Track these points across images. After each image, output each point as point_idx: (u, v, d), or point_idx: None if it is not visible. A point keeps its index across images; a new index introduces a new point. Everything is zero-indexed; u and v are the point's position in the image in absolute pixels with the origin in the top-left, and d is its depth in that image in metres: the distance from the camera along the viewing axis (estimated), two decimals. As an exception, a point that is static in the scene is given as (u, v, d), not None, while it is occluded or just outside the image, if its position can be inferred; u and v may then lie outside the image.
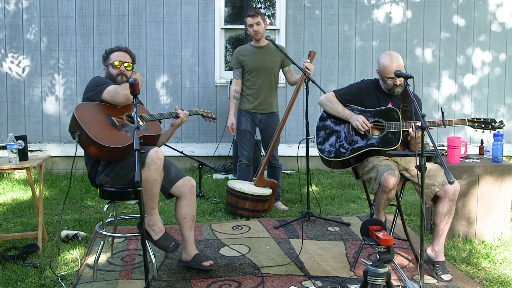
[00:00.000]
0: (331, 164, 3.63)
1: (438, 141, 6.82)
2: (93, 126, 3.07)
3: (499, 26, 6.90)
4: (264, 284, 3.15)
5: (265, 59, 4.78)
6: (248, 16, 4.76)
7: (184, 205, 3.25)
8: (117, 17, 6.60)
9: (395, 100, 3.52)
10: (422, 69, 6.89)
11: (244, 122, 4.87)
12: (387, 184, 3.15)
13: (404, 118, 3.45)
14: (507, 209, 3.88)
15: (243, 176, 4.90)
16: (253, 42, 4.86)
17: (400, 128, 3.36)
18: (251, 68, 4.78)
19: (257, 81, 4.80)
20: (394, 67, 3.34)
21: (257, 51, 4.80)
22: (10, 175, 6.24)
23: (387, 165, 3.27)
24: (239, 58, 4.81)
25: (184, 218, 3.25)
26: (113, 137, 3.08)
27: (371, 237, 2.43)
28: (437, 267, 3.23)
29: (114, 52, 3.42)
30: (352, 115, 3.51)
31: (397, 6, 6.82)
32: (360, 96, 3.58)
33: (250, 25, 4.72)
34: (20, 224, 4.34)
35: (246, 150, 4.89)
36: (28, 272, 3.26)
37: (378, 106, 3.52)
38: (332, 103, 3.61)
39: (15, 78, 6.56)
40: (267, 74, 4.81)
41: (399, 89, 3.47)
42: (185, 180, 3.26)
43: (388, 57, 3.39)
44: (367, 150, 3.45)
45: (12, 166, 3.51)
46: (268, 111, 4.89)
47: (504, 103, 7.00)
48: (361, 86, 3.63)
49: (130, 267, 3.45)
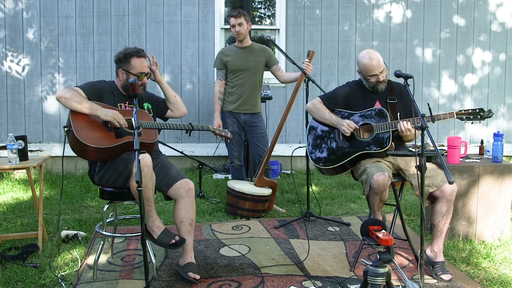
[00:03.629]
0: (325, 172, 3.65)
1: (438, 141, 6.82)
2: (82, 124, 3.09)
3: (499, 26, 6.90)
4: (264, 284, 3.15)
5: (248, 59, 4.78)
6: (231, 16, 4.76)
7: (182, 208, 3.18)
8: (117, 17, 6.60)
9: (381, 96, 3.54)
10: (422, 69, 6.89)
11: (230, 124, 4.86)
12: (377, 186, 3.16)
13: (392, 112, 3.46)
14: (507, 209, 3.88)
15: (238, 176, 4.92)
16: (236, 42, 4.87)
17: (389, 128, 3.37)
18: (235, 68, 4.78)
19: (240, 81, 4.80)
20: (374, 65, 3.39)
21: (240, 51, 4.80)
22: (10, 175, 6.24)
23: (377, 167, 3.28)
24: (222, 59, 4.81)
25: (181, 222, 3.19)
26: (98, 138, 3.08)
27: (371, 237, 2.43)
28: (437, 267, 3.23)
29: (134, 57, 3.27)
30: (338, 120, 3.52)
31: (397, 5, 6.82)
32: (347, 99, 3.59)
33: (233, 26, 4.74)
34: (20, 224, 4.34)
35: (236, 151, 4.91)
36: (28, 272, 3.26)
37: (366, 106, 3.52)
38: (319, 110, 3.62)
39: (15, 78, 6.56)
40: (251, 74, 4.81)
41: (383, 85, 3.50)
42: (183, 182, 3.19)
43: (367, 56, 3.42)
44: (358, 154, 3.45)
45: (12, 166, 3.52)
46: (252, 111, 4.89)
47: (504, 103, 7.00)
48: (346, 88, 3.65)
49: (130, 267, 3.45)
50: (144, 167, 2.94)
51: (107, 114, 3.09)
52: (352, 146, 3.48)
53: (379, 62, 3.41)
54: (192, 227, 3.21)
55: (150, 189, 3.03)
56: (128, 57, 3.27)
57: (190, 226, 3.19)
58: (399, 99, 3.53)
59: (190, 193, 3.19)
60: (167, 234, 3.12)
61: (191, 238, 3.23)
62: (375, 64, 3.39)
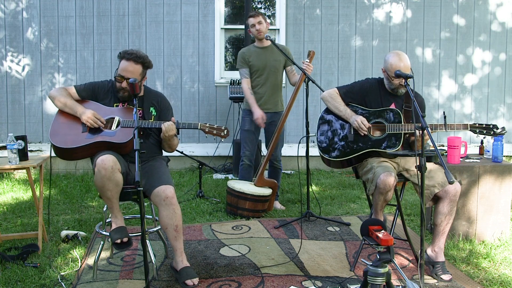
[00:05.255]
0: (331, 164, 3.62)
1: (438, 141, 6.81)
2: (60, 122, 3.24)
3: (499, 26, 6.90)
4: (264, 284, 3.15)
5: (269, 59, 4.80)
6: (249, 17, 4.77)
7: (163, 216, 3.12)
8: (117, 17, 6.60)
9: (398, 101, 3.51)
10: (422, 69, 6.89)
11: (248, 122, 4.86)
12: (384, 186, 3.15)
13: (406, 119, 3.43)
14: (507, 209, 3.88)
15: (245, 176, 4.89)
16: (256, 42, 4.87)
17: (401, 130, 3.35)
18: (256, 68, 4.79)
19: (262, 81, 4.80)
20: (402, 67, 3.31)
21: (261, 52, 4.81)
22: (10, 175, 6.24)
23: (384, 167, 3.27)
24: (245, 58, 4.81)
25: (166, 228, 3.14)
26: (68, 137, 3.19)
27: (371, 237, 2.43)
28: (437, 267, 3.23)
29: (124, 59, 3.28)
30: (352, 115, 3.50)
31: (397, 5, 6.82)
32: (363, 95, 3.55)
33: (252, 25, 4.73)
34: (20, 224, 4.34)
35: (249, 151, 4.89)
36: (28, 272, 3.26)
37: (381, 106, 3.50)
38: (334, 100, 3.59)
39: (15, 78, 6.57)
40: (271, 74, 4.82)
41: (403, 89, 3.44)
42: (160, 190, 3.10)
43: (397, 57, 3.35)
44: (367, 151, 3.44)
45: (12, 166, 3.52)
46: (274, 110, 4.89)
47: (504, 102, 7.00)
48: (365, 84, 3.60)
49: (130, 267, 3.45)
50: (102, 169, 2.96)
51: (81, 115, 3.22)
52: (362, 142, 3.46)
53: (406, 65, 3.33)
54: (179, 232, 3.15)
55: (107, 191, 3.02)
56: (121, 58, 3.32)
57: (175, 231, 3.14)
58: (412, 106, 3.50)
59: (168, 201, 3.08)
60: (119, 231, 3.08)
61: (179, 243, 3.18)
62: (403, 66, 3.31)
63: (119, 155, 3.15)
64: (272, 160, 4.90)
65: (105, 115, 3.26)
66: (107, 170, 2.97)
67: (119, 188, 3.07)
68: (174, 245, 3.19)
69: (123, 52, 3.31)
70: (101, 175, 2.98)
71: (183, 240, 3.23)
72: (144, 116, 3.36)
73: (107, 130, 3.22)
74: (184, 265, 3.18)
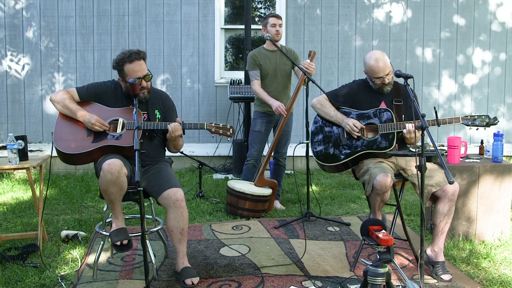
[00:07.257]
0: (326, 169, 3.64)
1: (438, 141, 6.81)
2: (63, 126, 3.19)
3: (499, 26, 6.90)
4: (264, 284, 3.15)
5: (279, 63, 4.80)
6: (272, 16, 4.78)
7: (170, 218, 3.13)
8: (117, 17, 6.60)
9: (387, 97, 3.53)
10: (422, 68, 6.89)
11: (259, 124, 4.87)
12: (380, 187, 3.16)
13: (397, 114, 3.46)
14: (507, 209, 3.88)
15: (248, 176, 4.88)
16: (266, 45, 4.86)
17: (393, 129, 3.36)
18: (267, 71, 4.80)
19: (272, 84, 4.81)
20: (380, 67, 3.38)
21: (271, 55, 4.81)
22: (10, 175, 6.24)
23: (381, 168, 3.27)
24: (255, 60, 4.80)
25: (171, 231, 3.15)
26: (73, 142, 3.15)
27: (371, 237, 2.43)
28: (437, 267, 3.23)
29: (126, 63, 3.17)
30: (344, 118, 3.51)
31: (397, 5, 6.82)
32: (353, 97, 3.59)
33: (273, 25, 4.72)
34: (20, 224, 4.34)
35: (256, 151, 4.89)
36: (28, 272, 3.26)
37: (371, 105, 3.52)
38: (324, 106, 3.62)
39: (15, 78, 6.57)
40: (281, 76, 4.83)
41: (388, 87, 3.49)
42: (170, 192, 3.11)
43: (374, 58, 3.41)
44: (362, 153, 3.45)
45: (12, 166, 3.51)
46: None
47: (504, 102, 7.00)
48: (353, 86, 3.64)
49: (130, 267, 3.45)
50: (108, 173, 2.95)
51: (86, 123, 3.17)
52: (355, 145, 3.47)
53: (385, 64, 3.39)
54: (184, 236, 3.17)
55: (111, 194, 3.02)
56: (120, 65, 3.20)
57: (180, 235, 3.15)
58: (404, 101, 3.52)
59: (178, 204, 3.10)
60: (119, 233, 3.08)
61: (183, 246, 3.19)
62: (381, 66, 3.38)
63: (124, 158, 3.14)
64: (278, 157, 4.92)
65: (108, 117, 3.24)
66: (113, 175, 2.96)
67: (123, 192, 3.07)
68: (177, 248, 3.19)
69: (120, 60, 3.18)
70: (107, 179, 2.97)
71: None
72: (149, 119, 3.33)
73: (112, 133, 3.19)
74: (186, 265, 3.20)
